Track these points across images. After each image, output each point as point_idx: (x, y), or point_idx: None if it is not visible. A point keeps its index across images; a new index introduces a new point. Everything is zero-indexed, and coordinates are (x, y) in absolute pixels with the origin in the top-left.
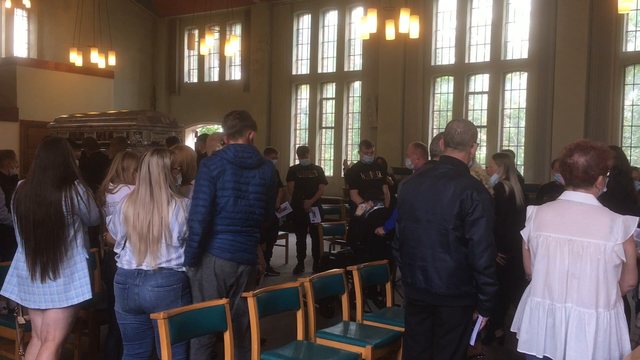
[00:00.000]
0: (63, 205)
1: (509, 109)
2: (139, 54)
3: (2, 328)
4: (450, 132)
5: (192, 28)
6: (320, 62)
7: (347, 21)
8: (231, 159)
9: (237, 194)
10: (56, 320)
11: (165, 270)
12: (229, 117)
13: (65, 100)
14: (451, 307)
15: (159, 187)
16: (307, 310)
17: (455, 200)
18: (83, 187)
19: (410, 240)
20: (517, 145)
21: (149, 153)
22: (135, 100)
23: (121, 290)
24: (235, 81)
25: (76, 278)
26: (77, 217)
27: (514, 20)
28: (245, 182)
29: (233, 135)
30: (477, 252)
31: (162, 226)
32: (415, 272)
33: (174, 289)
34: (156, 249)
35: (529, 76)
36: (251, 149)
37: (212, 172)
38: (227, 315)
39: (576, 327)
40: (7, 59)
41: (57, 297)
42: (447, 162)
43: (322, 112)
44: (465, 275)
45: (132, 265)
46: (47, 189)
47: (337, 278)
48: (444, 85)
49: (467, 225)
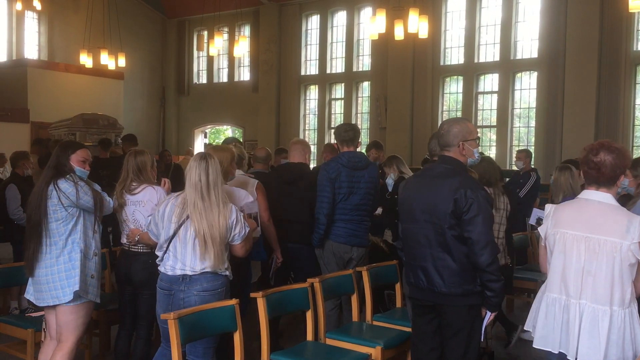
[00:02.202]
0: (47, 203)
1: (518, 109)
2: (149, 55)
3: (14, 328)
4: (437, 133)
5: (201, 29)
6: (329, 63)
7: (356, 21)
8: (345, 163)
9: (350, 190)
10: (66, 321)
11: (209, 274)
12: (345, 128)
13: (76, 102)
14: (456, 306)
15: (216, 191)
16: (317, 310)
17: (449, 199)
18: (71, 182)
19: (410, 240)
20: (527, 145)
21: (198, 158)
22: (144, 101)
23: (166, 297)
24: (244, 82)
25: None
26: (76, 210)
27: (523, 20)
28: (357, 181)
29: (347, 142)
30: (477, 250)
31: (215, 231)
32: (417, 272)
33: (218, 292)
34: (209, 255)
35: (539, 75)
36: (360, 154)
37: (331, 175)
38: (236, 316)
39: (589, 323)
40: (18, 61)
41: (62, 292)
42: (444, 161)
43: (331, 113)
44: (467, 274)
45: (176, 271)
46: (39, 186)
47: (346, 278)
48: (453, 85)
49: (464, 224)
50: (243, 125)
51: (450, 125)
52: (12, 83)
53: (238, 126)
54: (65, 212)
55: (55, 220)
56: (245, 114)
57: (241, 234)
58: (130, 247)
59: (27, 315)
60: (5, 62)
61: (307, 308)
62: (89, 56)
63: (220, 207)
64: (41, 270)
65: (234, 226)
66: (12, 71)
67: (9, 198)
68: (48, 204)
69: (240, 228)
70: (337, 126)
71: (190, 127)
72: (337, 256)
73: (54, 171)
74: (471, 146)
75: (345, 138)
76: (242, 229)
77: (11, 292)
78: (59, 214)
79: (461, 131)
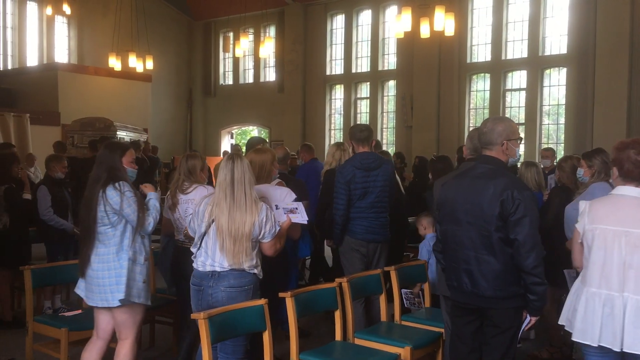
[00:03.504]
0: (97, 208)
1: (547, 106)
2: (176, 58)
3: (48, 328)
4: (479, 131)
5: (227, 31)
6: (355, 62)
7: (381, 20)
8: (359, 165)
9: (365, 190)
10: (123, 320)
11: (237, 271)
12: (360, 128)
13: (105, 104)
14: (502, 309)
15: (242, 190)
16: (346, 310)
17: (495, 200)
18: (117, 191)
19: (452, 243)
20: (556, 143)
21: (226, 158)
22: (172, 103)
23: (196, 292)
24: (270, 82)
25: (123, 278)
26: (119, 218)
27: (552, 15)
28: (372, 180)
29: (362, 142)
30: (523, 252)
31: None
32: (460, 275)
33: (245, 290)
34: (236, 252)
35: (568, 72)
36: (373, 155)
37: (346, 177)
38: (265, 315)
39: (634, 314)
40: (49, 65)
41: (110, 295)
42: (485, 161)
43: (357, 112)
44: (513, 276)
45: (206, 267)
46: (89, 190)
47: (374, 278)
48: (480, 82)
49: (511, 226)
50: (269, 125)
51: (494, 123)
52: (44, 87)
53: (264, 126)
54: (114, 217)
55: (104, 225)
56: (271, 114)
57: (271, 232)
58: (184, 244)
59: (61, 315)
60: (36, 67)
61: (336, 308)
62: (118, 59)
63: (247, 205)
64: (92, 272)
65: (263, 224)
66: (43, 75)
67: (39, 199)
68: (98, 208)
69: (271, 226)
70: (352, 127)
71: (217, 128)
72: (357, 252)
73: (107, 175)
74: (514, 145)
75: (361, 137)
76: (272, 227)
77: (45, 292)
78: (107, 220)
79: (505, 130)
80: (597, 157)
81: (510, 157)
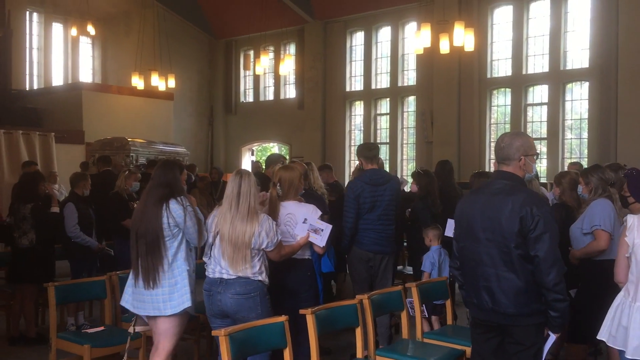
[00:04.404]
0: (162, 220)
1: (570, 120)
2: (197, 76)
3: (71, 344)
4: (496, 146)
5: (248, 49)
6: (374, 78)
7: (400, 36)
8: (367, 181)
9: (373, 204)
10: (165, 329)
11: (243, 279)
12: (369, 147)
13: (128, 123)
14: (524, 326)
15: (246, 203)
16: (367, 327)
17: (514, 217)
18: (181, 206)
19: (470, 260)
20: (579, 157)
21: (234, 173)
22: (193, 121)
23: (207, 297)
24: (290, 99)
25: (178, 288)
26: (179, 231)
27: (573, 29)
28: (379, 194)
29: (370, 160)
30: (544, 268)
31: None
32: (480, 293)
33: (252, 297)
34: (236, 259)
35: (590, 85)
36: (381, 171)
37: (355, 192)
38: (286, 332)
39: None
40: (74, 85)
41: (162, 305)
42: (502, 177)
43: (377, 128)
44: (534, 293)
45: (215, 274)
46: (149, 205)
47: (395, 295)
48: (501, 97)
49: (531, 242)
50: (289, 142)
51: (512, 138)
52: (68, 106)
53: (284, 143)
54: (175, 230)
55: (164, 237)
56: (291, 131)
57: (273, 241)
58: None
59: (84, 332)
60: (61, 86)
61: (357, 325)
62: (140, 78)
63: (249, 216)
64: (156, 281)
65: (264, 235)
66: (68, 94)
67: (66, 216)
68: (162, 222)
69: (273, 235)
70: (361, 145)
71: (238, 145)
72: (362, 262)
73: (168, 190)
74: (531, 161)
75: (369, 156)
76: (274, 237)
77: (68, 309)
78: (169, 232)
79: (523, 145)
80: (593, 175)
81: (527, 172)
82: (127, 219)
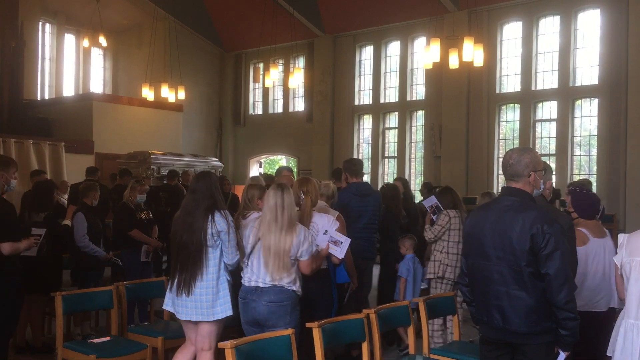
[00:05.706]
0: (206, 232)
1: (579, 137)
2: (207, 88)
3: (77, 354)
4: (504, 163)
5: (258, 62)
6: (383, 92)
7: (410, 51)
8: (355, 192)
9: (359, 214)
10: (209, 332)
11: (277, 287)
12: (354, 162)
13: (138, 133)
14: (535, 344)
15: (288, 214)
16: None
17: (525, 235)
18: (224, 219)
19: (481, 277)
20: (588, 174)
21: (275, 187)
22: (202, 132)
23: (243, 305)
24: (299, 112)
25: (221, 296)
26: (220, 242)
27: (582, 46)
28: (364, 205)
29: (356, 174)
30: (555, 286)
31: (285, 245)
32: (491, 311)
33: (284, 305)
34: (278, 267)
35: (600, 102)
36: (366, 184)
37: (342, 202)
38: (292, 346)
39: None
40: (84, 95)
41: (206, 311)
42: (511, 193)
43: (385, 142)
44: (545, 311)
45: (251, 283)
46: (196, 216)
47: (402, 310)
48: (510, 113)
49: (542, 260)
50: (297, 154)
51: (520, 154)
52: (79, 116)
53: (292, 156)
54: (218, 240)
55: (207, 245)
56: (299, 143)
57: (309, 251)
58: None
59: (90, 342)
60: (72, 97)
61: (363, 339)
62: (151, 90)
63: (290, 226)
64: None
65: (301, 243)
66: (78, 105)
67: (76, 225)
68: (207, 232)
69: (308, 246)
70: (347, 161)
71: (246, 157)
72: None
73: (212, 201)
74: (539, 177)
75: (355, 170)
76: (309, 247)
77: (75, 318)
78: (212, 242)
79: (532, 161)
80: None
81: (535, 188)
82: (135, 230)
